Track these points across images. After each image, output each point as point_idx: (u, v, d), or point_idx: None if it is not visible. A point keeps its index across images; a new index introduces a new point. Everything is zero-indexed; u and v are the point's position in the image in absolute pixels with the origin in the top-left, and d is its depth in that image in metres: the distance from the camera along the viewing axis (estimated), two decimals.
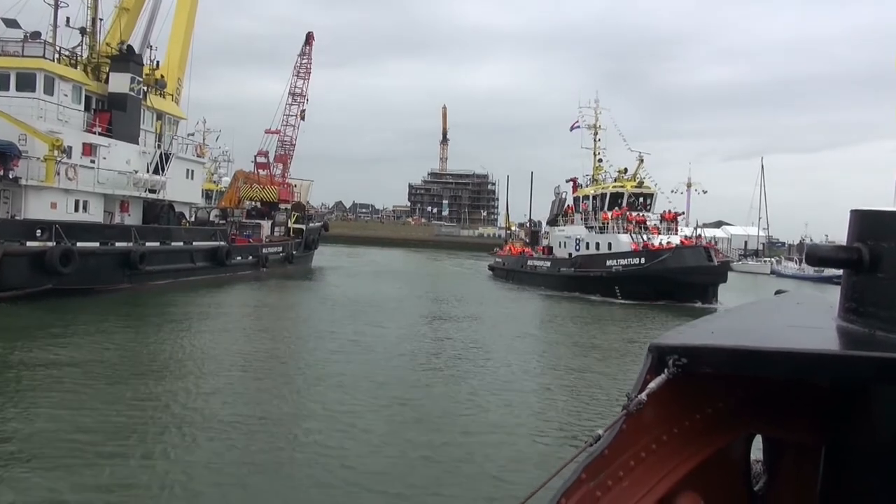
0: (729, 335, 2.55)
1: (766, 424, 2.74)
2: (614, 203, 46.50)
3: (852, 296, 2.39)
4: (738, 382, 2.52)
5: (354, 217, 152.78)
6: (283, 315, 28.80)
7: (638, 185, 47.60)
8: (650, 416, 2.25)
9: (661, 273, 36.98)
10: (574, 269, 43.96)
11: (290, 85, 62.28)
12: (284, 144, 62.69)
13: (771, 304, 3.51)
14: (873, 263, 2.24)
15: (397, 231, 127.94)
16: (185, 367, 16.69)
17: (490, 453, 10.87)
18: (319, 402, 13.69)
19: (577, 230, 48.34)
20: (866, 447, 2.32)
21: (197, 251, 39.75)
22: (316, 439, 11.36)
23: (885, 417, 2.26)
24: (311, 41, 63.03)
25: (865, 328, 2.27)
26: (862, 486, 2.28)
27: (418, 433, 11.83)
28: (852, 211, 2.42)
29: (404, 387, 15.17)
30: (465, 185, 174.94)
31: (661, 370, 2.23)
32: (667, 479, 2.27)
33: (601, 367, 18.93)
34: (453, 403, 13.98)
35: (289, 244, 54.07)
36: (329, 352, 19.20)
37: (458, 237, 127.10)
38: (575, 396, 15.19)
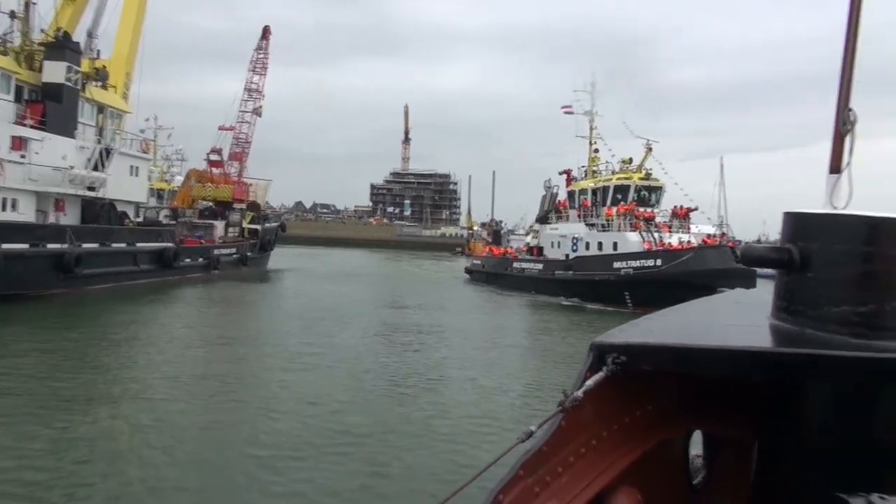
0: (668, 333, 2.66)
1: (705, 420, 2.80)
2: (619, 197, 41.33)
3: (784, 295, 2.44)
4: (677, 379, 2.56)
5: (315, 217, 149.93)
6: (230, 323, 26.54)
7: (645, 177, 42.20)
8: (590, 412, 2.27)
9: (682, 277, 30.82)
10: (572, 273, 38.78)
11: (246, 80, 59.96)
12: (240, 142, 60.32)
13: (710, 302, 3.51)
14: (803, 263, 2.30)
15: (359, 231, 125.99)
16: (102, 394, 14.46)
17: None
18: (256, 436, 11.91)
19: (574, 228, 42.73)
20: (797, 440, 2.36)
21: (141, 253, 37.27)
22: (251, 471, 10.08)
23: (814, 411, 2.32)
24: (268, 36, 60.80)
25: (796, 326, 2.33)
26: (792, 477, 2.31)
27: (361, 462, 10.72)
28: (784, 213, 2.49)
29: (362, 416, 13.36)
30: (428, 185, 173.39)
31: (601, 368, 2.26)
32: (605, 474, 2.28)
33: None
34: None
35: (243, 245, 51.78)
36: (277, 371, 17.28)
37: (421, 237, 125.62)
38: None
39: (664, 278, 31.93)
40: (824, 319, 2.25)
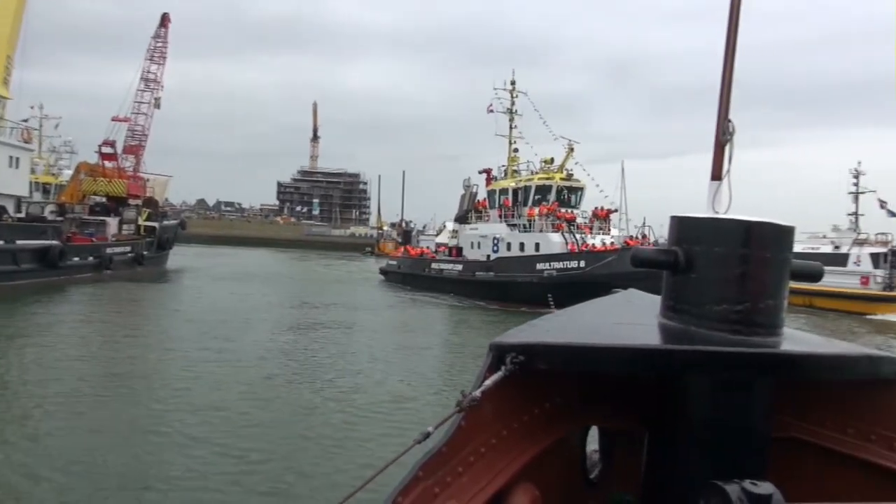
0: (564, 333, 2.73)
1: (601, 416, 2.87)
2: (539, 197, 40.31)
3: (671, 295, 2.56)
4: (573, 377, 2.65)
5: (218, 215, 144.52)
6: (119, 328, 23.56)
7: (567, 178, 41.23)
8: (489, 412, 2.31)
9: (606, 279, 29.86)
10: (493, 274, 37.84)
11: (143, 69, 56.53)
12: (136, 134, 56.79)
13: (604, 303, 3.53)
14: (688, 265, 2.43)
15: (265, 230, 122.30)
16: None
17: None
18: (137, 457, 10.43)
19: (495, 228, 41.74)
20: (682, 431, 2.46)
21: (22, 251, 34.02)
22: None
23: (698, 404, 2.43)
24: (167, 23, 57.57)
25: (682, 324, 2.47)
26: (679, 466, 2.40)
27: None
28: (671, 217, 2.59)
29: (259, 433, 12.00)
30: (337, 184, 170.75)
31: (500, 368, 2.30)
32: (504, 473, 2.30)
33: None
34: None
35: (139, 244, 48.66)
36: (168, 381, 15.41)
37: (329, 237, 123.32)
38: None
39: (588, 280, 30.42)
40: (706, 317, 2.40)
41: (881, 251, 39.89)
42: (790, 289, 2.49)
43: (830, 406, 2.63)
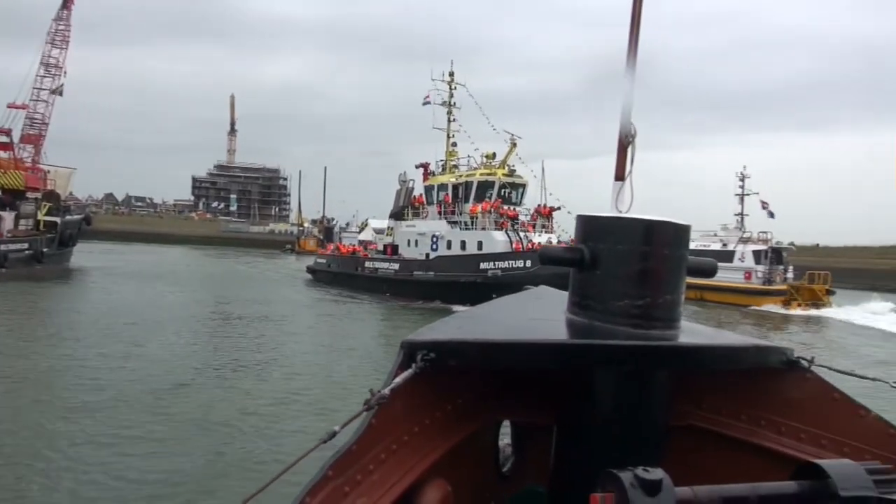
0: (474, 330, 2.72)
1: (512, 410, 2.96)
2: (483, 194, 38.44)
3: (577, 291, 2.61)
4: (485, 373, 2.73)
5: (128, 211, 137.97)
6: (11, 333, 20.28)
7: (509, 174, 39.51)
8: (400, 409, 2.30)
9: (555, 279, 29.12)
10: (434, 274, 35.72)
11: (43, 54, 52.49)
12: (35, 123, 52.63)
13: (514, 299, 3.53)
14: (592, 262, 2.49)
15: (179, 226, 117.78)
16: None
17: None
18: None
19: (434, 225, 39.62)
20: (588, 422, 2.52)
21: None
22: None
23: (602, 396, 2.50)
24: (70, 5, 53.59)
25: (587, 319, 2.52)
26: (584, 455, 2.45)
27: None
28: (577, 216, 2.69)
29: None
30: (255, 180, 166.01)
31: (411, 366, 2.30)
32: (416, 469, 2.31)
33: None
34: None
35: (38, 240, 45.05)
36: (64, 391, 13.62)
37: (248, 234, 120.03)
38: None
39: (536, 281, 30.04)
40: (610, 312, 2.47)
41: (762, 248, 43.02)
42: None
43: (725, 394, 2.78)
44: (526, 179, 40.42)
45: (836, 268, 65.61)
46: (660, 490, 1.52)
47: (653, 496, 1.51)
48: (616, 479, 1.55)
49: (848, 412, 2.50)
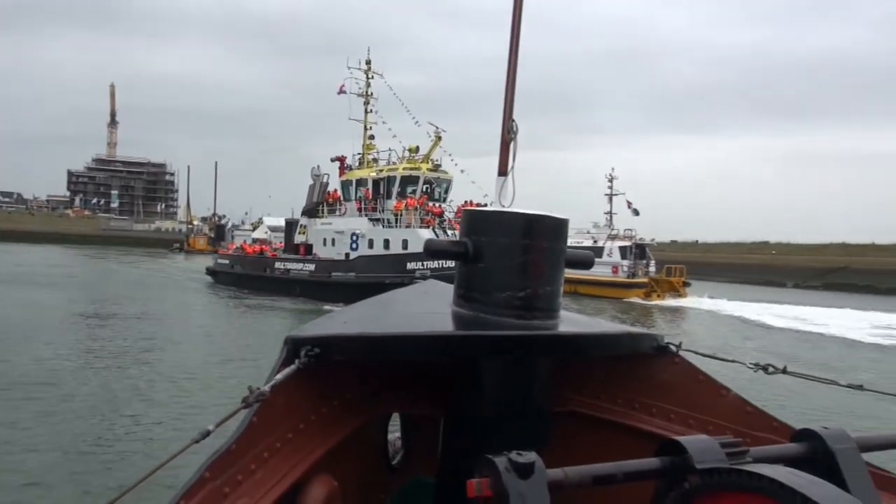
0: (360, 324, 2.69)
1: (401, 403, 2.96)
2: (406, 189, 35.99)
3: (462, 283, 2.66)
4: (372, 367, 2.74)
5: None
6: None
7: (434, 169, 37.01)
8: (284, 406, 2.26)
9: None
10: (355, 275, 32.55)
11: None
12: None
13: (402, 293, 3.56)
14: (476, 255, 2.56)
15: (53, 224, 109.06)
16: None
17: None
18: None
19: (354, 223, 36.75)
20: (473, 412, 2.60)
21: None
22: None
23: (487, 385, 2.58)
24: None
25: (472, 311, 2.57)
26: (471, 444, 2.47)
27: None
28: (462, 210, 2.97)
29: None
30: (139, 175, 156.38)
31: (294, 362, 2.28)
32: (301, 465, 2.26)
33: None
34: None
35: None
36: None
37: (132, 232, 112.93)
38: None
39: (448, 279, 27.92)
40: (493, 304, 2.53)
41: (627, 244, 46.40)
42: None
43: (603, 380, 2.92)
44: (451, 175, 38.02)
45: (714, 262, 70.60)
46: (532, 472, 1.55)
47: (525, 478, 1.54)
48: (491, 463, 1.56)
49: (712, 392, 2.67)
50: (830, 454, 1.79)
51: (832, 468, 1.77)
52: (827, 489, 1.42)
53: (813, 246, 74.10)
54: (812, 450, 1.83)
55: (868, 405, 11.97)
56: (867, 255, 65.84)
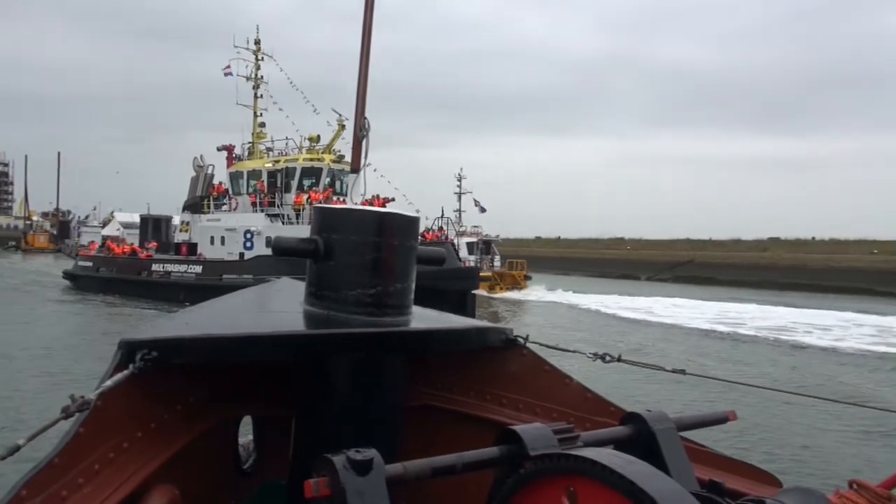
0: (204, 325, 2.65)
1: (253, 405, 2.91)
2: (307, 182, 33.12)
3: (314, 282, 2.64)
4: (218, 369, 2.61)
5: None
6: None
7: (338, 160, 34.06)
8: (118, 414, 2.14)
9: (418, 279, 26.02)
10: (253, 277, 28.55)
11: None
12: None
13: (252, 292, 3.57)
14: (327, 253, 2.55)
15: None
16: None
17: None
18: None
19: (248, 219, 33.50)
20: (325, 412, 2.56)
21: None
22: None
23: (339, 384, 2.56)
24: None
25: (323, 309, 2.57)
26: (321, 445, 2.23)
27: None
28: (314, 207, 2.89)
29: None
30: None
31: (129, 366, 2.17)
32: (138, 476, 2.13)
33: None
34: None
35: None
36: None
37: None
38: None
39: None
40: (345, 302, 2.54)
41: (474, 240, 47.67)
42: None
43: (456, 374, 3.01)
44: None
45: (575, 257, 74.38)
46: (371, 469, 1.56)
47: (364, 475, 1.55)
48: (329, 462, 1.56)
49: (557, 381, 2.80)
50: (652, 434, 1.95)
51: (653, 447, 1.93)
52: (640, 467, 1.50)
53: (662, 242, 79.59)
54: (637, 431, 1.97)
55: (690, 387, 12.94)
56: (708, 250, 71.54)
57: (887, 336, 25.33)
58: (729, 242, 74.82)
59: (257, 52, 38.42)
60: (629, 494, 1.42)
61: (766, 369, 18.36)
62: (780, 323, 28.54)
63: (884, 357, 20.76)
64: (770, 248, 68.68)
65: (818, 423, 11.82)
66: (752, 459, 2.45)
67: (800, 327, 27.52)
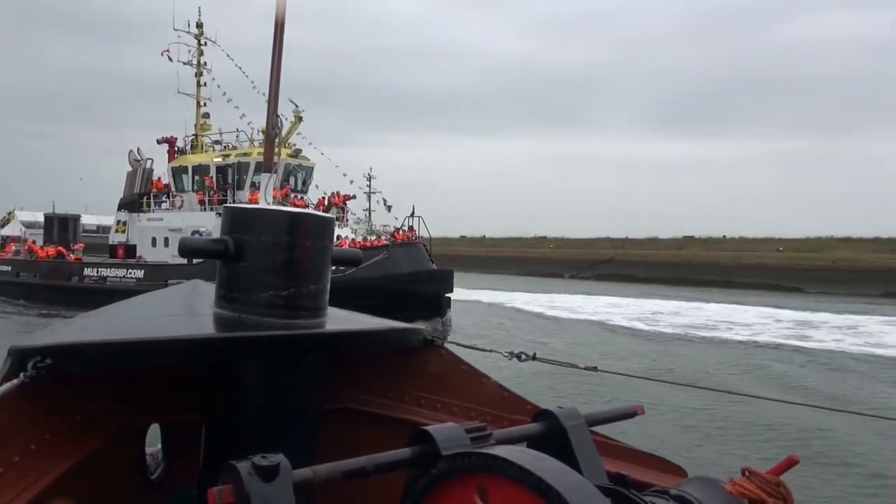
0: (104, 329, 2.56)
1: (161, 412, 2.83)
2: (261, 178, 30.26)
3: (224, 284, 2.57)
4: (124, 375, 2.55)
5: None
6: None
7: (294, 155, 32.16)
8: (6, 426, 2.07)
9: (381, 284, 24.02)
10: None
11: None
12: None
13: (159, 294, 3.56)
14: (237, 254, 2.48)
15: None
16: None
17: None
18: None
19: (196, 219, 31.24)
20: (237, 417, 2.51)
21: None
22: None
23: (251, 388, 2.51)
24: None
25: (234, 312, 2.50)
26: (233, 451, 2.16)
27: None
28: (224, 207, 2.86)
29: None
30: None
31: (20, 375, 2.07)
32: (32, 490, 2.05)
33: None
34: None
35: None
36: None
37: None
38: None
39: (353, 287, 22.50)
40: (256, 304, 2.47)
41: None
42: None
43: (374, 375, 3.01)
44: (313, 162, 33.37)
45: (500, 256, 75.45)
46: (277, 474, 1.53)
47: (270, 481, 1.51)
48: (234, 469, 1.52)
49: (474, 381, 2.83)
50: (563, 430, 1.99)
51: (564, 442, 1.97)
52: (548, 463, 1.53)
53: (584, 240, 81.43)
54: (549, 428, 2.01)
55: (603, 384, 13.41)
56: (627, 249, 73.74)
57: (804, 328, 26.90)
58: (647, 241, 77.32)
59: (199, 37, 34.98)
60: (537, 490, 1.44)
61: (678, 364, 19.19)
62: (695, 320, 29.74)
63: (799, 350, 22.02)
64: (685, 246, 71.20)
65: (723, 415, 12.63)
66: (661, 452, 2.55)
67: (716, 324, 28.78)
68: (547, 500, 1.42)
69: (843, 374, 18.25)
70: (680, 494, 1.69)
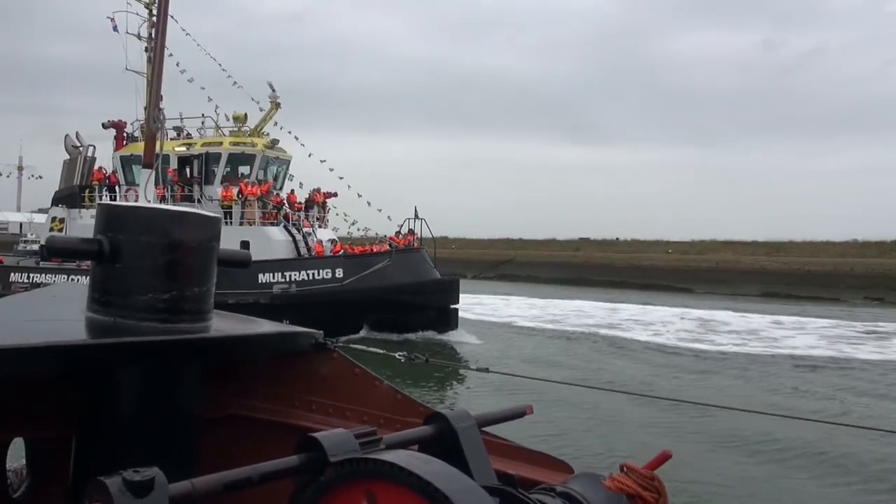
0: None
1: (24, 426, 2.66)
2: (235, 171, 26.97)
3: (97, 286, 2.46)
4: None
5: None
6: None
7: (271, 145, 27.98)
8: None
9: (381, 295, 21.86)
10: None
11: None
12: None
13: (24, 298, 3.38)
14: (113, 255, 2.36)
15: None
16: None
17: None
18: None
19: None
20: (110, 428, 2.38)
21: None
22: None
23: (125, 397, 2.38)
24: None
25: (109, 317, 2.39)
26: (105, 465, 2.08)
27: None
28: (98, 204, 2.74)
29: None
30: None
31: None
32: None
33: None
34: None
35: None
36: None
37: None
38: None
39: (352, 298, 21.60)
40: (134, 308, 2.36)
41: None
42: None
43: (263, 381, 2.89)
44: (290, 155, 29.49)
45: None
46: (151, 489, 1.45)
47: (143, 497, 1.43)
48: (102, 486, 1.44)
49: (367, 384, 2.79)
50: (454, 432, 1.99)
51: (455, 444, 1.98)
52: (437, 466, 1.54)
53: (484, 241, 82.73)
54: (440, 430, 2.01)
55: (499, 385, 13.66)
56: (527, 249, 75.55)
57: (704, 332, 27.75)
58: (545, 242, 79.49)
59: (150, 6, 27.62)
60: (425, 494, 1.44)
61: (570, 364, 19.78)
62: (591, 320, 30.60)
63: (699, 353, 22.88)
64: (582, 248, 73.56)
65: (609, 414, 13.10)
66: (552, 450, 2.61)
67: (609, 323, 29.73)
68: (434, 502, 1.43)
69: (742, 372, 19.33)
70: (565, 491, 1.73)
